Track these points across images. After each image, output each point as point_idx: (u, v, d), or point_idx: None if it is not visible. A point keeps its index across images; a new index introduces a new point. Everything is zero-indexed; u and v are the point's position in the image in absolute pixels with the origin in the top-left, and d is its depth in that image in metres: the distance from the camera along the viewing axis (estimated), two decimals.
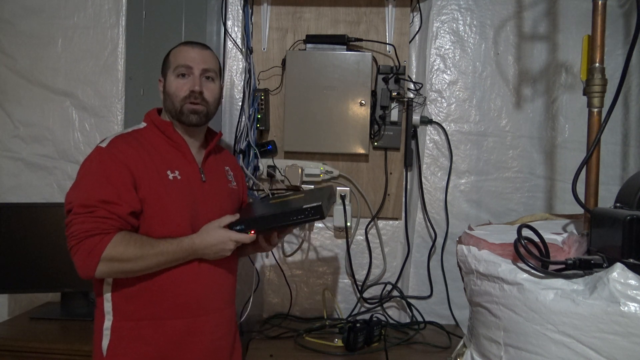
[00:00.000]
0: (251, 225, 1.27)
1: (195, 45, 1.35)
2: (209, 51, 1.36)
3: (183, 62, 1.31)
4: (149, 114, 1.37)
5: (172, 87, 1.31)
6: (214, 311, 1.30)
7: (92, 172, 1.19)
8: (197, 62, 1.31)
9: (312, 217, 1.27)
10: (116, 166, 1.19)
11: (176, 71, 1.31)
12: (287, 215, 1.28)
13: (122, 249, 1.14)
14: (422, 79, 1.94)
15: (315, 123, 1.89)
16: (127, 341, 1.22)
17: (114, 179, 1.17)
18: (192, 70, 1.31)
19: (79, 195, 1.17)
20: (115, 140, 1.25)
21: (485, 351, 1.06)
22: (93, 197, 1.15)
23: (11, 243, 1.80)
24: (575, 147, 1.87)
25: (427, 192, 1.93)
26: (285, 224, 1.29)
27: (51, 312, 1.85)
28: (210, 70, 1.33)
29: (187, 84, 1.30)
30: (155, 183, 1.23)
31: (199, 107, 1.30)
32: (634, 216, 0.92)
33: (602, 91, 1.14)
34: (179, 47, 1.36)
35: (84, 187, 1.18)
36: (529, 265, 0.97)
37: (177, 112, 1.30)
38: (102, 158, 1.20)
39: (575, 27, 1.86)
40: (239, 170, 1.56)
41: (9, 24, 1.96)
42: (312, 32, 1.94)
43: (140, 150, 1.25)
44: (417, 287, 1.94)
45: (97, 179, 1.18)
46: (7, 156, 1.99)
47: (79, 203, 1.15)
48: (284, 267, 1.98)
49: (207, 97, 1.32)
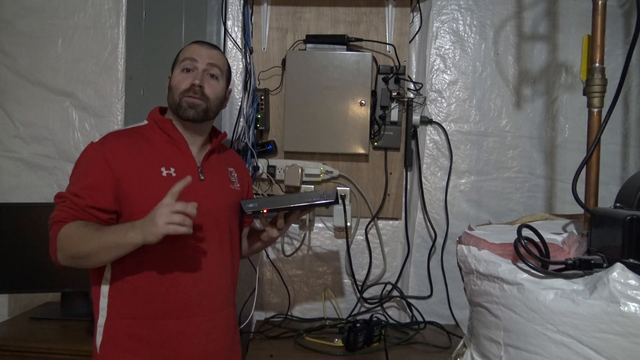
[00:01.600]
0: (265, 204, 1.31)
1: (205, 44, 1.37)
2: (217, 51, 1.37)
3: (189, 56, 1.32)
4: (152, 112, 1.37)
5: (175, 80, 1.32)
6: (210, 313, 1.28)
7: (77, 166, 1.26)
8: (203, 57, 1.32)
9: (328, 199, 1.33)
10: (98, 163, 1.22)
11: (181, 65, 1.32)
12: (303, 197, 1.34)
13: (69, 234, 1.16)
14: (422, 79, 1.94)
15: (315, 123, 1.89)
16: (121, 339, 1.21)
17: (90, 175, 1.21)
18: (197, 64, 1.31)
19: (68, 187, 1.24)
20: (108, 136, 1.28)
21: (485, 351, 1.06)
22: (69, 189, 1.22)
23: (11, 243, 1.80)
24: (575, 147, 1.87)
25: (427, 192, 1.93)
26: (300, 205, 1.33)
27: (51, 312, 1.85)
28: (215, 67, 1.33)
29: (189, 77, 1.30)
30: (145, 180, 1.23)
31: (197, 101, 1.29)
32: (634, 216, 0.92)
33: (602, 91, 1.14)
34: (190, 44, 1.37)
35: (70, 181, 1.25)
36: (529, 265, 0.97)
37: (176, 106, 1.30)
38: (88, 153, 1.25)
39: (575, 27, 1.87)
40: (245, 173, 1.54)
41: (9, 24, 1.96)
42: (312, 32, 1.94)
43: (132, 147, 1.26)
44: (417, 287, 1.94)
45: (78, 173, 1.24)
46: (7, 156, 1.99)
47: (58, 194, 1.23)
48: (284, 267, 1.98)
49: (208, 92, 1.31)
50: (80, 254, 1.16)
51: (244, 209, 1.34)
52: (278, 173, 1.93)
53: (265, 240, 1.45)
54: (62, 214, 1.19)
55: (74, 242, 1.15)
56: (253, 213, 1.35)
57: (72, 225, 1.17)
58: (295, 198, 1.36)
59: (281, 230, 1.41)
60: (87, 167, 1.23)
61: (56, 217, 1.20)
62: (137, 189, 1.22)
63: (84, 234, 1.15)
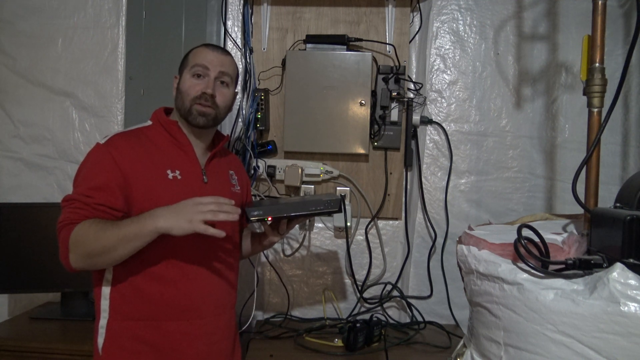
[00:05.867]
0: (269, 211, 1.30)
1: (217, 48, 1.35)
2: (229, 57, 1.37)
3: (201, 62, 1.30)
4: (156, 113, 1.36)
5: (185, 85, 1.30)
6: (211, 315, 1.28)
7: (84, 167, 1.22)
8: (215, 64, 1.31)
9: (331, 208, 1.32)
10: (106, 164, 1.19)
11: (192, 70, 1.30)
12: (307, 205, 1.32)
13: (83, 231, 1.12)
14: (422, 79, 1.94)
15: (315, 123, 1.89)
16: (123, 340, 1.21)
17: (99, 176, 1.18)
18: (209, 72, 1.30)
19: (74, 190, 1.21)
20: (115, 137, 1.26)
21: (485, 351, 1.06)
22: (77, 191, 1.18)
23: (11, 243, 1.80)
24: (575, 147, 1.87)
25: (427, 192, 1.93)
26: (303, 213, 1.32)
27: (51, 312, 1.85)
28: (227, 75, 1.33)
29: (200, 84, 1.30)
30: (152, 182, 1.22)
31: (208, 110, 1.29)
32: (634, 216, 0.92)
33: (602, 91, 1.14)
34: (201, 47, 1.35)
35: (75, 182, 1.22)
36: (529, 265, 0.97)
37: (186, 112, 1.30)
38: (96, 155, 1.22)
39: (575, 27, 1.87)
40: (244, 175, 1.55)
41: (9, 24, 1.96)
42: (312, 32, 1.94)
43: (138, 148, 1.25)
44: (417, 287, 1.94)
45: (85, 174, 1.20)
46: (7, 156, 1.99)
47: (65, 197, 1.19)
48: (284, 267, 1.98)
49: (219, 101, 1.31)
50: (97, 249, 1.13)
51: (248, 216, 1.32)
52: (278, 173, 1.93)
53: (265, 245, 1.46)
54: (71, 216, 1.15)
55: (90, 239, 1.12)
56: (257, 220, 1.34)
57: (85, 223, 1.14)
58: (298, 206, 1.34)
59: (282, 235, 1.41)
60: (94, 168, 1.20)
61: (66, 219, 1.16)
62: (143, 190, 1.21)
63: (100, 228, 1.12)
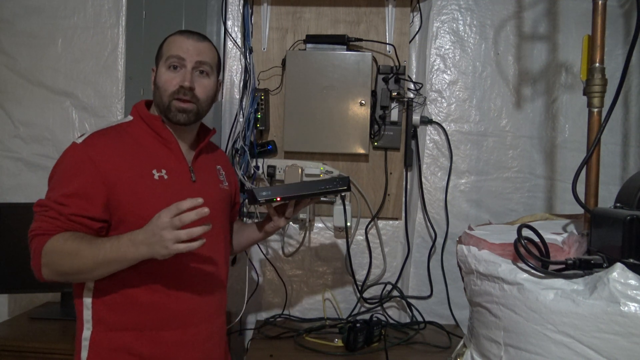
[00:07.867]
0: (278, 192, 1.28)
1: (192, 35, 1.23)
2: (206, 43, 1.24)
3: (175, 53, 1.19)
4: (137, 107, 1.26)
5: (161, 80, 1.20)
6: (205, 321, 1.23)
7: (58, 169, 1.13)
8: (191, 53, 1.19)
9: (340, 187, 1.33)
10: (83, 166, 1.10)
11: (167, 62, 1.20)
12: (316, 184, 1.33)
13: (58, 248, 1.05)
14: (422, 79, 1.94)
15: (315, 123, 1.89)
16: (109, 353, 1.13)
17: (74, 181, 1.09)
18: (185, 62, 1.19)
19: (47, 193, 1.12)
20: (93, 136, 1.16)
21: (485, 351, 1.06)
22: (51, 196, 1.10)
23: (11, 243, 1.80)
24: (575, 147, 1.87)
25: (427, 192, 1.93)
26: (313, 192, 1.32)
27: (51, 312, 1.84)
28: (205, 64, 1.21)
29: (177, 77, 1.19)
30: (136, 184, 1.14)
31: (189, 106, 1.19)
32: (634, 216, 0.92)
33: (602, 91, 1.14)
34: (174, 35, 1.23)
35: (49, 185, 1.14)
36: (529, 265, 0.97)
37: (165, 108, 1.20)
38: (72, 156, 1.13)
39: (575, 27, 1.86)
40: (231, 170, 1.48)
41: (9, 24, 1.96)
42: (312, 32, 1.94)
43: (120, 147, 1.16)
44: (417, 287, 1.94)
45: (60, 177, 1.12)
46: (7, 156, 1.99)
47: (38, 202, 1.11)
48: (284, 267, 1.98)
49: (199, 93, 1.21)
50: (72, 270, 1.06)
51: (257, 198, 1.26)
52: (278, 173, 1.93)
53: (269, 231, 1.40)
54: (44, 225, 1.07)
55: (64, 259, 1.05)
56: (266, 201, 1.28)
57: (59, 238, 1.05)
58: (308, 186, 1.33)
59: (288, 219, 1.36)
60: (71, 171, 1.10)
61: (37, 229, 1.07)
62: (128, 194, 1.12)
63: (76, 249, 1.04)
